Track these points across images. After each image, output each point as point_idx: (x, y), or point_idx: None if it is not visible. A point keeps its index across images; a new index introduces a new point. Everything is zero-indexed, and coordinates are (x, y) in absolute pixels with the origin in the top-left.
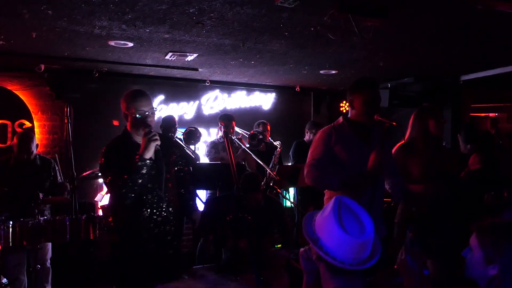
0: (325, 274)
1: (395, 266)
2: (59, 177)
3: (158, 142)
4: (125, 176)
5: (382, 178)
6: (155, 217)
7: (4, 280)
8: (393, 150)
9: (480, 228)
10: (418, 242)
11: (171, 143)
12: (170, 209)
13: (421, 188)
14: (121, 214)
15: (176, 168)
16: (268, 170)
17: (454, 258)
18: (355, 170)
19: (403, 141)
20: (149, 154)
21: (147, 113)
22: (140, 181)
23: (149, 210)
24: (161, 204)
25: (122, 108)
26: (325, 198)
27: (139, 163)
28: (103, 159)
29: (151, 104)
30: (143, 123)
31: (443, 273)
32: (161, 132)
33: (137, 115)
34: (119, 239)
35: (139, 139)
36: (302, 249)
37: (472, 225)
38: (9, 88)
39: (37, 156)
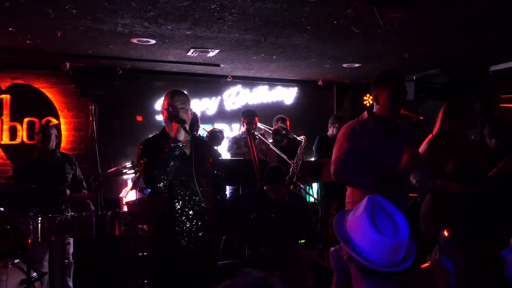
0: (356, 274)
1: (426, 265)
2: (78, 174)
3: (185, 124)
4: (159, 158)
5: (408, 174)
6: (187, 209)
7: (34, 274)
8: (423, 144)
9: None
10: (453, 241)
11: (208, 147)
12: (203, 204)
13: (457, 186)
14: (153, 207)
15: (214, 172)
16: (293, 164)
17: (493, 258)
18: (382, 167)
19: (432, 134)
20: (182, 137)
21: (178, 106)
22: (172, 163)
23: (181, 202)
24: (194, 198)
25: (162, 108)
26: (347, 193)
27: (173, 144)
28: (139, 150)
29: (183, 100)
30: (173, 112)
31: (480, 274)
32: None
33: (170, 108)
34: (152, 233)
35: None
36: (332, 248)
37: None
38: (36, 86)
39: (57, 151)
